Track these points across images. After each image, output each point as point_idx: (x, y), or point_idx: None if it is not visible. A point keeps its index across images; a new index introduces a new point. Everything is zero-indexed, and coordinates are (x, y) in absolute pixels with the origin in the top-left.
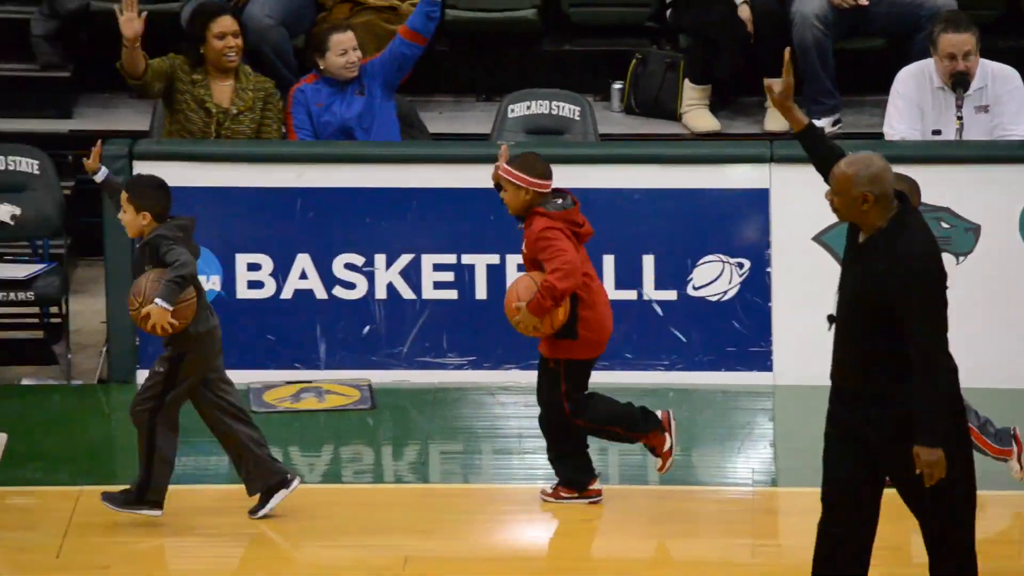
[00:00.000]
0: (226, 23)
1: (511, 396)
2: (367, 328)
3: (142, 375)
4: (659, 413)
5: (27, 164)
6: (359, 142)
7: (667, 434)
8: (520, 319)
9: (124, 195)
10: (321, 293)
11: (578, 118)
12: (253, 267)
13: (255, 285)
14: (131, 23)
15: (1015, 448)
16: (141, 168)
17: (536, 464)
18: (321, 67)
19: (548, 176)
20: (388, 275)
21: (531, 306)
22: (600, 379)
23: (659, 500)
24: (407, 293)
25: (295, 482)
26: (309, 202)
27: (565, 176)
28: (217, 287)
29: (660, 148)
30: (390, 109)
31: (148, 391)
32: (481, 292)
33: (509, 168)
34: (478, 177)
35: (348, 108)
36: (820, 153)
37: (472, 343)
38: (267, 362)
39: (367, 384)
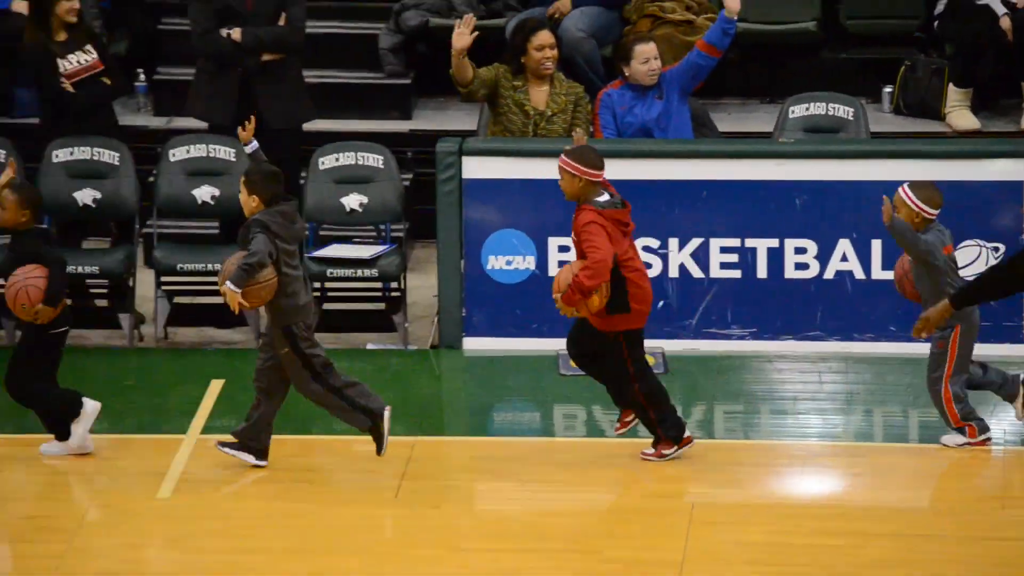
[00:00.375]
0: (544, 37)
1: (787, 363)
2: (661, 303)
3: (468, 342)
4: (687, 432)
5: (373, 159)
6: (657, 140)
7: (677, 448)
8: (561, 308)
9: (241, 179)
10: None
11: (852, 118)
12: (563, 248)
13: (565, 264)
14: (462, 37)
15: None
16: (472, 162)
17: (808, 423)
18: (626, 74)
19: (599, 167)
20: (680, 256)
21: (564, 298)
22: (867, 349)
23: (917, 456)
24: (697, 272)
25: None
26: None
27: (840, 170)
28: (532, 266)
29: (926, 145)
30: (685, 112)
31: (299, 374)
32: (762, 272)
33: (565, 158)
34: (761, 170)
35: (648, 110)
36: (988, 289)
37: (753, 316)
38: None
39: (661, 352)
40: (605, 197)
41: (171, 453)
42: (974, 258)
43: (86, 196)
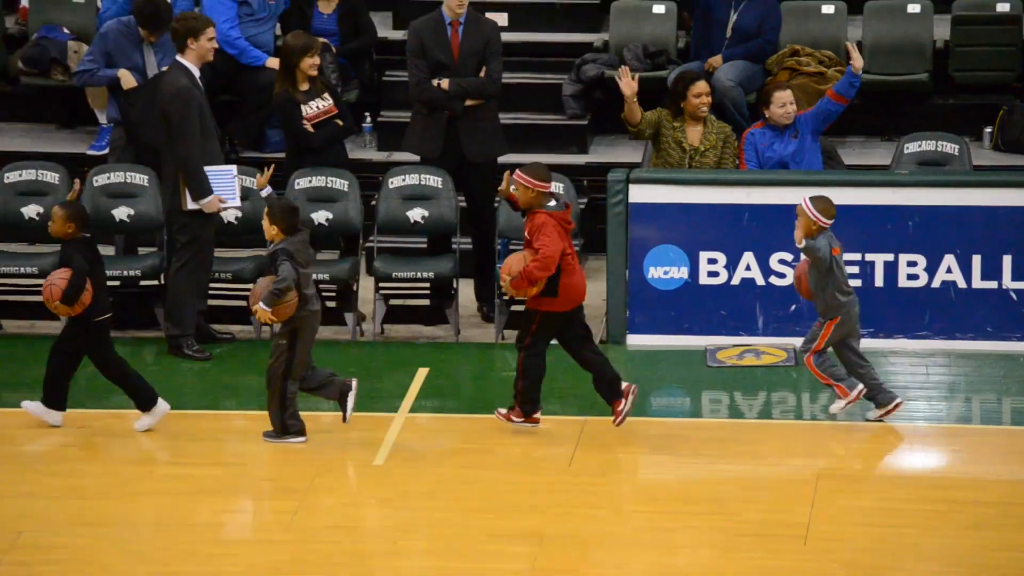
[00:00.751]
0: (701, 85)
1: (899, 358)
2: (793, 307)
3: (631, 339)
4: (539, 413)
5: (555, 187)
6: (792, 171)
7: (524, 421)
8: (506, 288)
9: (265, 210)
10: (760, 280)
11: (957, 154)
12: (712, 261)
13: (713, 274)
14: (629, 84)
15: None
16: (637, 189)
17: (917, 408)
18: (767, 116)
19: (548, 181)
20: None
21: (514, 283)
22: (967, 347)
23: (1009, 436)
24: None
25: (353, 383)
26: (754, 214)
27: (946, 197)
28: (685, 276)
29: (1019, 176)
30: (816, 149)
31: (277, 360)
32: (879, 281)
33: (521, 173)
34: (880, 197)
35: (785, 147)
36: None
37: (871, 318)
38: (720, 330)
39: (792, 348)
40: (553, 203)
41: (385, 428)
42: None
43: (321, 216)
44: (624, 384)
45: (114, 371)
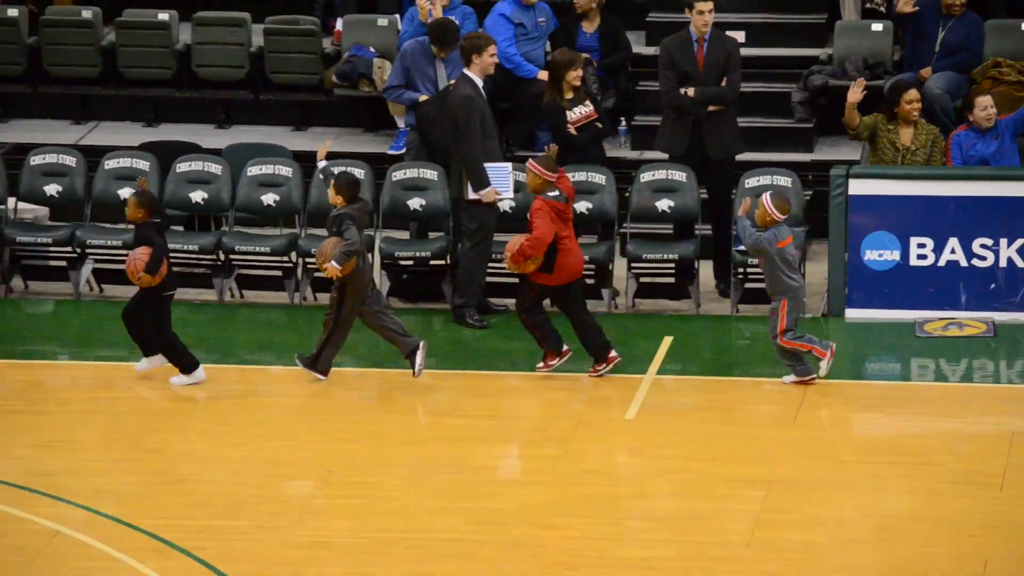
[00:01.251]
0: (913, 93)
1: None
2: (992, 285)
3: (849, 312)
4: (565, 346)
5: (784, 180)
6: (992, 167)
7: (558, 359)
8: (507, 264)
9: (332, 182)
10: (964, 262)
11: None
12: (921, 245)
13: (921, 257)
14: (854, 93)
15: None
16: (856, 183)
17: None
18: (971, 119)
19: (554, 171)
20: (1008, 251)
21: (512, 258)
22: None
23: None
24: (1020, 263)
25: (422, 344)
26: (959, 205)
27: None
28: (897, 258)
29: None
30: (1014, 148)
31: (330, 308)
32: None
33: (533, 163)
34: None
35: (987, 147)
36: None
37: None
38: (928, 305)
39: (991, 321)
40: (555, 193)
41: (635, 387)
42: None
43: (582, 206)
44: (612, 353)
45: (162, 339)
